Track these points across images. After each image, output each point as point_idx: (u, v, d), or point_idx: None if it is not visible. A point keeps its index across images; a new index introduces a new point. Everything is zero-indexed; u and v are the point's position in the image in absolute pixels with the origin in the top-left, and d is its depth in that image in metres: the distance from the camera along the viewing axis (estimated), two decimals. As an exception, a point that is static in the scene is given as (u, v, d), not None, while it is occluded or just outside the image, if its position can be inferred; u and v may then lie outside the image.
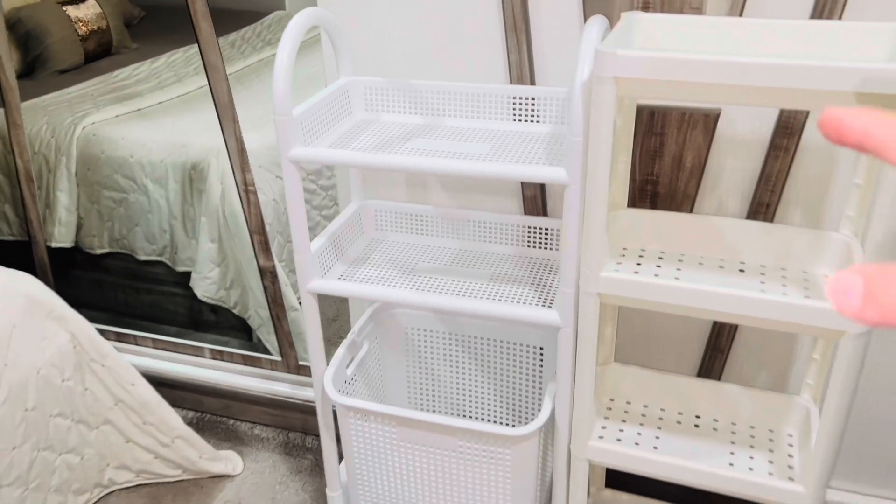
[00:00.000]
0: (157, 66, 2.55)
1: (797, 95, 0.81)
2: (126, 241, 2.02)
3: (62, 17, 2.68)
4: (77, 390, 1.39)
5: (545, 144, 1.08)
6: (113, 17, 2.89)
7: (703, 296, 0.93)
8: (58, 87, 2.38)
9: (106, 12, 2.84)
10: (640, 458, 1.08)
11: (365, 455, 1.23)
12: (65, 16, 2.70)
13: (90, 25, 2.77)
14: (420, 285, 1.15)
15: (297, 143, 1.05)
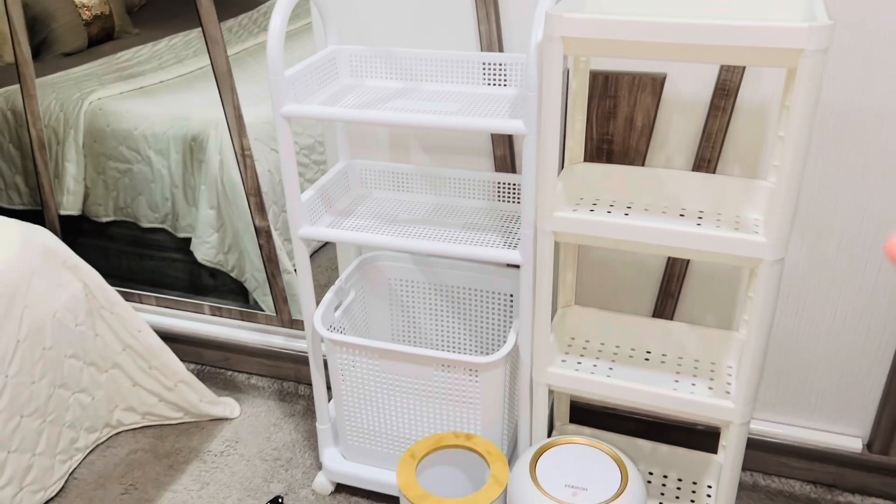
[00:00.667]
0: (158, 49, 2.68)
1: (718, 51, 0.94)
2: (130, 209, 2.15)
3: (67, 3, 2.81)
4: (89, 335, 1.53)
5: (510, 104, 1.21)
6: (115, 3, 3.01)
7: (642, 231, 1.07)
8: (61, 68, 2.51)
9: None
10: (594, 382, 1.21)
11: (351, 387, 1.36)
12: (69, 1, 2.82)
13: (94, 11, 2.89)
14: (401, 233, 1.29)
15: (289, 101, 1.19)
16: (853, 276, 1.31)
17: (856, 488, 1.46)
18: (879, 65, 1.15)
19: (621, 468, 1.17)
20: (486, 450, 1.27)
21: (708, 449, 1.52)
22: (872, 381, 1.39)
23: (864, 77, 1.16)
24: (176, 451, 1.62)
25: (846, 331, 1.36)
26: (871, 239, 1.27)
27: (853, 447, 1.43)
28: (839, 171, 1.24)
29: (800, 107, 0.93)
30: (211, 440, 1.65)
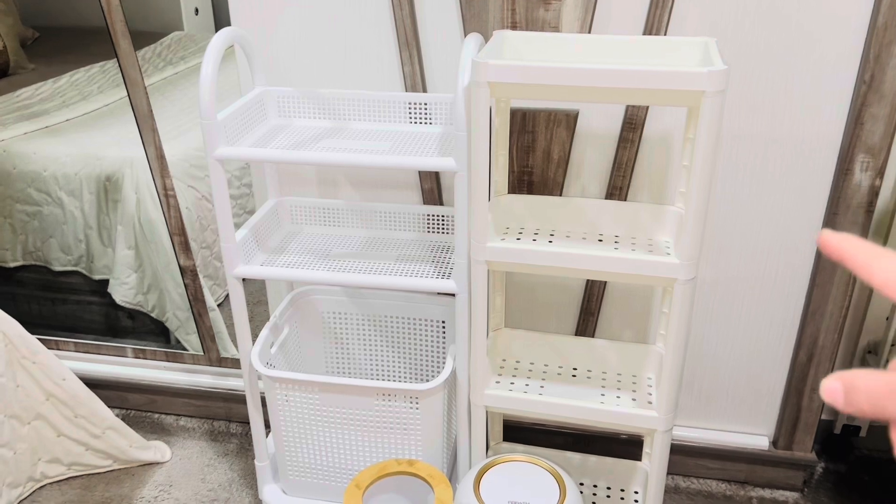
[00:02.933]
0: (60, 86, 2.60)
1: (628, 93, 1.04)
2: (41, 252, 2.08)
3: (-43, 39, 2.69)
4: (9, 387, 1.48)
5: (437, 141, 1.28)
6: (9, 38, 2.91)
7: (569, 257, 1.15)
8: (-44, 108, 2.41)
9: (2, 33, 2.86)
10: (528, 401, 1.28)
11: (290, 423, 1.38)
12: (-40, 37, 2.70)
13: (-14, 46, 2.78)
14: (335, 268, 1.32)
15: (221, 144, 1.21)
16: (753, 288, 1.44)
17: (765, 483, 1.59)
18: (766, 98, 1.29)
19: (559, 482, 1.24)
20: (428, 474, 1.32)
21: (632, 456, 1.62)
22: (774, 384, 1.52)
23: (754, 109, 1.30)
24: (106, 501, 1.58)
25: (750, 338, 1.49)
26: (767, 252, 1.41)
27: (761, 445, 1.56)
28: (736, 193, 1.37)
29: (703, 141, 1.03)
30: (143, 486, 1.62)
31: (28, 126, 2.20)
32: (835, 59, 1.24)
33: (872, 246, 0.38)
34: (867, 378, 0.34)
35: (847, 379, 0.35)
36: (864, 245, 0.38)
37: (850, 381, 0.34)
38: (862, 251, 0.38)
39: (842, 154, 1.30)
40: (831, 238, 0.39)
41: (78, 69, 2.74)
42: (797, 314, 1.45)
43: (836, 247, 0.39)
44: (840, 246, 0.39)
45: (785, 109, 1.29)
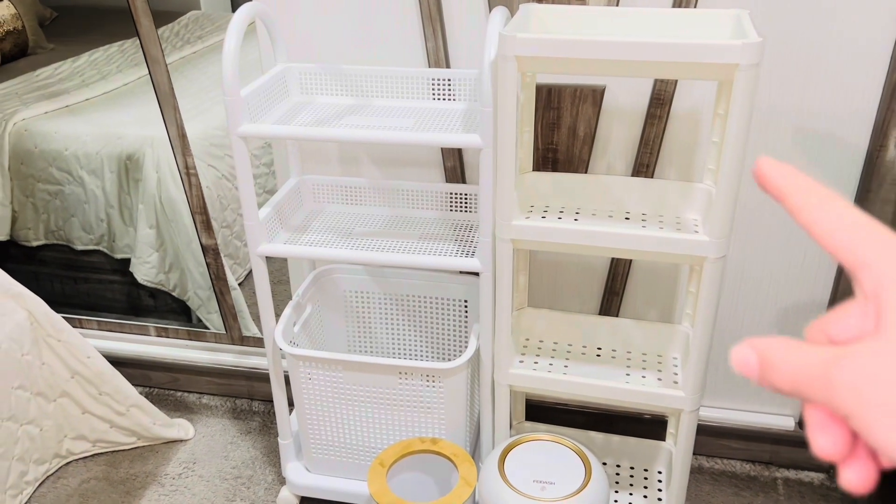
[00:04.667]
0: (79, 65, 2.60)
1: (659, 67, 1.02)
2: (62, 232, 2.09)
3: (-24, 18, 2.69)
4: (35, 364, 1.49)
5: (461, 118, 1.26)
6: (28, 18, 2.91)
7: (596, 236, 1.14)
8: (-24, 88, 2.41)
9: (21, 13, 2.86)
10: (552, 380, 1.28)
11: (314, 401, 1.38)
12: (-21, 17, 2.71)
13: (6, 26, 2.78)
14: (358, 246, 1.31)
15: (245, 121, 1.20)
16: (781, 268, 1.42)
17: (790, 463, 1.58)
18: (799, 72, 1.26)
19: (584, 461, 1.23)
20: (452, 452, 1.32)
21: (655, 437, 1.61)
22: (801, 364, 1.50)
23: (785, 83, 1.27)
24: (131, 478, 1.59)
25: (776, 318, 1.47)
26: (796, 231, 1.38)
27: (786, 426, 1.55)
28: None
29: (736, 115, 1.01)
30: (167, 463, 1.63)
31: (48, 105, 2.20)
32: (870, 32, 1.21)
33: (817, 186, 0.33)
34: (787, 353, 0.31)
35: (763, 350, 0.31)
36: (808, 184, 0.33)
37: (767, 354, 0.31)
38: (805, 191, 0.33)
39: (875, 129, 1.27)
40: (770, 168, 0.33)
41: (96, 49, 2.73)
42: (825, 294, 1.42)
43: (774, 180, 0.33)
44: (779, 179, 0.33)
45: (817, 83, 1.26)
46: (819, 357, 0.30)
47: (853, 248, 0.31)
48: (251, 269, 2.15)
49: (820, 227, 0.32)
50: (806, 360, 0.30)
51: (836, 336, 0.31)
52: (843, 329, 0.31)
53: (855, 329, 0.31)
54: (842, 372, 0.29)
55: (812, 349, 0.30)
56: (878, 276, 0.30)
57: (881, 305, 0.30)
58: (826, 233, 0.32)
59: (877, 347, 0.29)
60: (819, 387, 0.29)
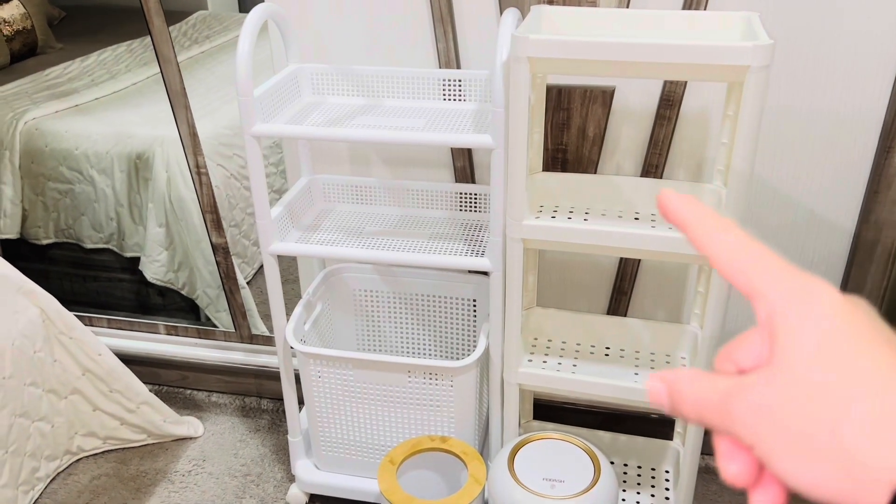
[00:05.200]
0: (88, 65, 2.61)
1: (670, 68, 1.02)
2: (72, 230, 2.10)
3: (-14, 18, 2.71)
4: (47, 361, 1.50)
5: (472, 118, 1.27)
6: (37, 18, 2.92)
7: (607, 236, 1.14)
8: (-12, 87, 2.43)
9: (30, 13, 2.88)
10: (561, 379, 1.28)
11: (324, 398, 1.39)
12: (-11, 16, 2.72)
13: (15, 26, 2.80)
14: (370, 245, 1.32)
15: (258, 121, 1.21)
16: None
17: (796, 463, 1.58)
18: (807, 73, 1.26)
19: (594, 460, 1.24)
20: (461, 450, 1.33)
21: (662, 436, 1.61)
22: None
23: (794, 84, 1.28)
24: (141, 474, 1.60)
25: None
26: (805, 230, 1.39)
27: (793, 425, 1.55)
28: (773, 169, 1.35)
29: (746, 117, 1.02)
30: (177, 460, 1.64)
31: (58, 105, 2.21)
32: (879, 32, 1.22)
33: (715, 217, 0.34)
34: (692, 385, 0.32)
35: (671, 383, 0.32)
36: (707, 214, 0.34)
37: (675, 387, 0.32)
38: (702, 222, 0.34)
39: (884, 131, 1.27)
40: (671, 200, 0.35)
41: (105, 48, 2.75)
42: (834, 294, 1.43)
43: (676, 211, 0.34)
44: (680, 211, 0.34)
45: (826, 85, 1.27)
46: (720, 388, 0.31)
47: (748, 277, 0.32)
48: (259, 269, 2.17)
49: (718, 256, 0.33)
50: (709, 391, 0.31)
51: (741, 363, 0.32)
52: (747, 356, 0.32)
53: (756, 355, 0.31)
54: (739, 403, 0.30)
55: (715, 380, 0.31)
56: (771, 305, 0.31)
57: (773, 334, 0.31)
58: (723, 262, 0.33)
59: (768, 377, 0.30)
60: (721, 418, 0.30)
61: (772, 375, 0.30)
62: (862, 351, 0.29)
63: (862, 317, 0.30)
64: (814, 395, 0.28)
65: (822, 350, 0.29)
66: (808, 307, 0.30)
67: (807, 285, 0.31)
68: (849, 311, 0.30)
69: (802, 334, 0.30)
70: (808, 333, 0.30)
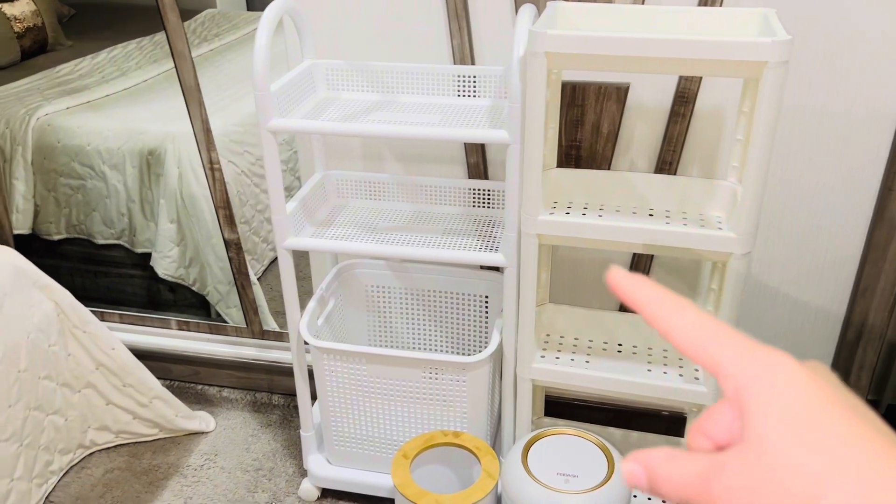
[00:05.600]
0: (98, 62, 2.62)
1: (688, 64, 1.03)
2: (84, 226, 2.11)
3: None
4: (61, 355, 1.51)
5: (486, 114, 1.28)
6: (47, 15, 2.93)
7: (623, 231, 1.15)
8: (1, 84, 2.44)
9: (41, 10, 2.89)
10: (574, 375, 1.29)
11: (337, 393, 1.39)
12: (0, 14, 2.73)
13: (26, 23, 2.81)
14: (384, 240, 1.33)
15: (275, 116, 1.21)
16: (802, 265, 1.43)
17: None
18: (821, 73, 1.27)
19: (607, 455, 1.24)
20: (474, 445, 1.33)
21: (672, 433, 1.62)
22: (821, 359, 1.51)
23: (807, 84, 1.28)
24: (154, 468, 1.61)
25: (796, 316, 1.48)
26: (818, 228, 1.39)
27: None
28: (787, 166, 1.35)
29: (763, 113, 1.02)
30: (189, 455, 1.65)
31: (70, 101, 2.22)
32: (892, 33, 1.22)
33: (668, 296, 0.34)
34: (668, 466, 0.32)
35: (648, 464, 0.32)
36: (659, 294, 0.34)
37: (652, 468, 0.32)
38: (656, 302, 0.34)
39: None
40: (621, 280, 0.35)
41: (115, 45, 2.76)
42: (846, 292, 1.43)
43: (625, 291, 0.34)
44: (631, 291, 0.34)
45: (840, 84, 1.27)
46: (698, 468, 0.31)
47: (710, 355, 0.32)
48: (268, 266, 2.17)
49: (677, 335, 0.33)
50: (687, 472, 0.31)
51: (716, 438, 0.32)
52: (720, 430, 0.32)
53: (728, 429, 0.31)
54: (718, 485, 0.30)
55: (692, 460, 0.31)
56: (736, 382, 0.31)
57: (743, 411, 0.31)
58: (684, 341, 0.33)
59: (742, 457, 0.30)
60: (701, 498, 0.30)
61: (745, 455, 0.30)
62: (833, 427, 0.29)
63: (826, 386, 0.30)
64: (790, 472, 0.28)
65: (792, 424, 0.29)
66: (771, 383, 0.31)
67: (768, 359, 0.31)
68: (813, 382, 0.30)
69: (770, 408, 0.30)
70: (775, 407, 0.30)
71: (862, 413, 0.30)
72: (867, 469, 0.27)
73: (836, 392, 0.30)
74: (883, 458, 0.28)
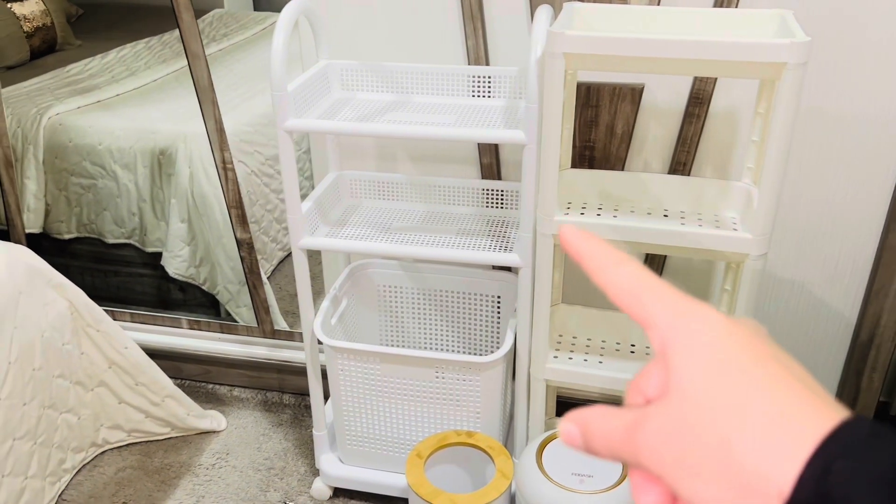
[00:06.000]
0: (108, 61, 2.63)
1: (707, 65, 1.03)
2: (95, 225, 2.12)
3: (7, 15, 2.73)
4: (75, 354, 1.51)
5: (501, 115, 1.28)
6: (56, 15, 2.94)
7: (640, 231, 1.15)
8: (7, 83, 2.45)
9: (50, 9, 2.90)
10: (588, 375, 1.29)
11: (351, 393, 1.40)
12: (10, 13, 2.74)
13: (35, 22, 2.82)
14: (398, 240, 1.33)
15: (291, 116, 1.22)
16: (815, 266, 1.43)
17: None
18: (834, 76, 1.27)
19: (621, 454, 1.25)
20: (488, 445, 1.33)
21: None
22: (833, 365, 1.51)
23: (820, 87, 1.28)
24: (166, 467, 1.62)
25: (809, 317, 1.48)
26: (831, 230, 1.39)
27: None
28: (800, 168, 1.36)
29: (781, 114, 1.02)
30: (200, 454, 1.65)
31: (81, 100, 2.23)
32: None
33: (611, 251, 0.35)
34: (601, 421, 0.32)
35: (582, 421, 0.32)
36: (602, 249, 0.35)
37: (585, 425, 0.32)
38: (599, 255, 0.35)
39: (914, 131, 1.28)
40: (570, 235, 0.36)
41: (124, 45, 2.76)
42: (859, 293, 1.43)
43: (573, 245, 0.36)
44: (578, 245, 0.36)
45: (855, 86, 1.27)
46: (626, 421, 0.31)
47: (641, 308, 0.33)
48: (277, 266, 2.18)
49: (613, 287, 0.34)
50: (616, 426, 0.31)
51: (647, 393, 0.32)
52: (651, 386, 0.32)
53: (659, 384, 0.31)
54: (641, 436, 0.30)
55: (622, 414, 0.32)
56: (662, 334, 0.32)
57: (667, 364, 0.31)
58: (617, 291, 0.33)
59: (664, 405, 0.30)
60: (629, 452, 0.31)
61: (667, 403, 0.30)
62: (748, 369, 0.29)
63: (750, 337, 0.31)
64: (706, 416, 0.29)
65: (710, 372, 0.29)
66: (694, 331, 0.31)
67: (692, 310, 0.32)
68: (735, 331, 0.31)
69: (691, 358, 0.30)
70: (695, 357, 0.30)
71: (784, 362, 0.30)
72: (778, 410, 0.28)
73: (758, 342, 0.31)
74: (797, 398, 0.28)
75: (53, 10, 2.92)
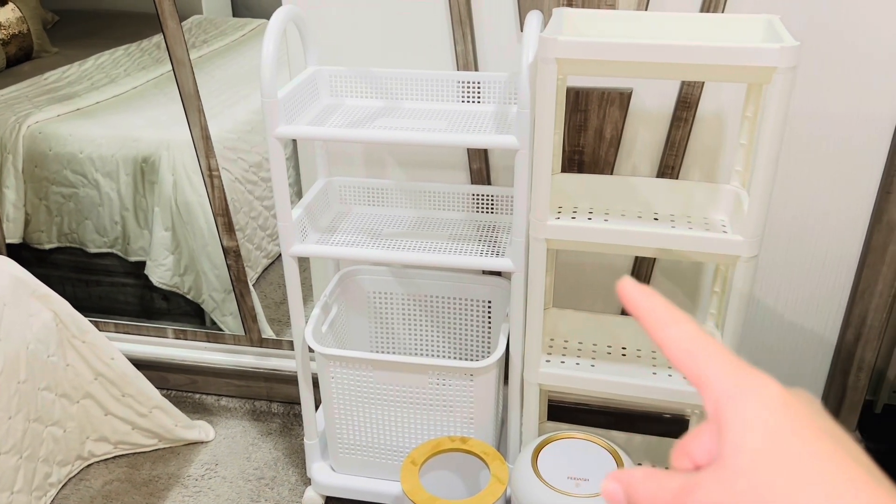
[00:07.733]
0: (86, 69, 2.60)
1: (698, 69, 1.04)
2: (76, 234, 2.09)
3: (-18, 21, 2.68)
4: (60, 365, 1.49)
5: (491, 120, 1.28)
6: (32, 21, 2.90)
7: (632, 235, 1.16)
8: (-14, 91, 2.41)
9: (26, 16, 2.86)
10: (581, 378, 1.29)
11: (343, 401, 1.39)
12: (-15, 19, 2.70)
13: (11, 30, 2.78)
14: (389, 246, 1.33)
15: (282, 122, 1.21)
16: (801, 266, 1.45)
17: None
18: (819, 76, 1.29)
19: (616, 459, 1.25)
20: (482, 451, 1.33)
21: (676, 435, 1.63)
22: (819, 364, 1.53)
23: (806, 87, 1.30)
24: (154, 479, 1.59)
25: (795, 317, 1.49)
26: (818, 230, 1.41)
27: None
28: (787, 170, 1.37)
29: (771, 118, 1.03)
30: (189, 465, 1.63)
31: (60, 108, 2.20)
32: (891, 36, 1.24)
33: (669, 308, 0.35)
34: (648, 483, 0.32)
35: (626, 482, 0.33)
36: (661, 306, 0.35)
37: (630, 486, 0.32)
38: (658, 312, 0.35)
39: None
40: (631, 290, 0.36)
41: (102, 52, 2.73)
42: (845, 293, 1.45)
43: (632, 300, 0.36)
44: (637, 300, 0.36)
45: (839, 87, 1.29)
46: (674, 486, 0.31)
47: (698, 369, 0.33)
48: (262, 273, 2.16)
49: (670, 344, 0.34)
50: (664, 490, 0.31)
51: (696, 458, 0.32)
52: (701, 451, 0.32)
53: (709, 450, 0.32)
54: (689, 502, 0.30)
55: (669, 478, 0.32)
56: (717, 399, 0.31)
57: (720, 427, 0.31)
58: (675, 351, 0.33)
59: (716, 475, 0.30)
60: None
61: (720, 472, 0.30)
62: (807, 448, 0.29)
63: (806, 411, 0.31)
64: (760, 491, 0.28)
65: (767, 447, 0.29)
66: (752, 401, 0.31)
67: (751, 378, 0.32)
68: (793, 405, 0.31)
69: (747, 430, 0.30)
70: (752, 429, 0.30)
71: (839, 439, 0.30)
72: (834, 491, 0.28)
73: (814, 417, 0.31)
74: (852, 481, 0.28)
75: (29, 16, 2.88)
